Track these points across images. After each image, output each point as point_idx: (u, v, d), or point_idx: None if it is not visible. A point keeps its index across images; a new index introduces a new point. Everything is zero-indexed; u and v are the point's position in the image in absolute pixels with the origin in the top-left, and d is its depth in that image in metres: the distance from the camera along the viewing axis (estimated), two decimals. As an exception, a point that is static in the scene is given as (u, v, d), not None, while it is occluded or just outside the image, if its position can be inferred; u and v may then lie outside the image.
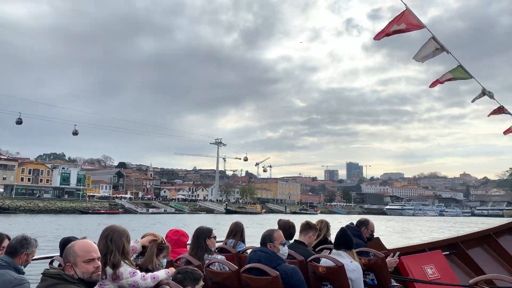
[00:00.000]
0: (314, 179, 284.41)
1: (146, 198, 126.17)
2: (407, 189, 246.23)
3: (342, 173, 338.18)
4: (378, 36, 4.32)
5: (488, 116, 6.40)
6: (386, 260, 5.11)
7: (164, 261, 4.20)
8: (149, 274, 3.44)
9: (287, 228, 5.05)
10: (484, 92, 5.27)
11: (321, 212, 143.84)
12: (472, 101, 5.53)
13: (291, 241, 4.90)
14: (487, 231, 7.82)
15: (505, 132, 7.22)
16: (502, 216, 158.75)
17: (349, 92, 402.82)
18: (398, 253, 5.45)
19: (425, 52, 4.44)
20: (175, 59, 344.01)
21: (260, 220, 67.69)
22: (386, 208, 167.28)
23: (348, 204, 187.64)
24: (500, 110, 6.15)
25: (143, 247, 3.92)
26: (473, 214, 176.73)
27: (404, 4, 4.13)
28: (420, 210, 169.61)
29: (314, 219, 5.82)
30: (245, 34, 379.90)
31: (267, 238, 3.90)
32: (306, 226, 4.83)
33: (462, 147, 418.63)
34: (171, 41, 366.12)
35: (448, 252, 7.08)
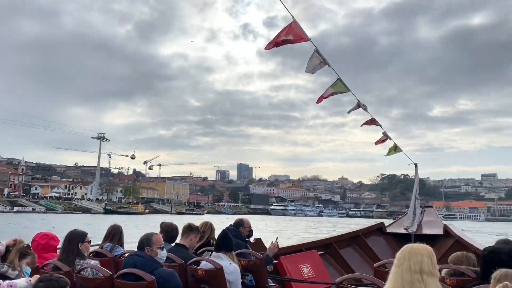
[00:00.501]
0: (205, 179, 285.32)
1: (12, 195, 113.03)
2: (292, 191, 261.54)
3: (233, 174, 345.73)
4: (268, 46, 4.54)
5: (361, 126, 7.15)
6: (268, 246, 5.40)
7: (28, 269, 3.85)
8: (6, 282, 3.12)
9: (169, 231, 5.00)
10: (359, 105, 5.89)
11: (208, 212, 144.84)
12: (348, 112, 6.15)
13: (173, 244, 4.87)
14: (357, 232, 8.66)
15: (376, 143, 8.12)
16: (372, 217, 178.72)
17: (243, 95, 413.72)
18: (277, 237, 5.77)
19: (312, 64, 4.81)
20: (60, 45, 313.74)
21: (142, 221, 65.53)
22: (271, 209, 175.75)
23: (235, 204, 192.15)
24: (372, 122, 6.92)
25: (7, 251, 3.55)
26: (348, 215, 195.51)
27: (292, 16, 4.41)
28: (301, 210, 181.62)
29: (200, 219, 5.86)
30: (140, 26, 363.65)
31: (144, 242, 3.82)
32: (187, 229, 4.84)
33: (341, 153, 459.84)
34: (57, 25, 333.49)
35: (323, 252, 7.68)
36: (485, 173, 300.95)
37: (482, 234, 57.17)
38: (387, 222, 9.47)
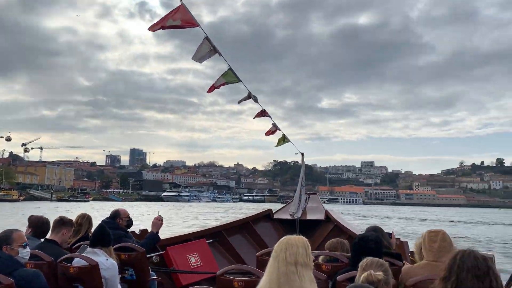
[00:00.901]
0: (93, 164, 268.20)
1: None
2: (187, 177, 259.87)
3: (125, 159, 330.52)
4: (153, 28, 4.26)
5: (254, 118, 7.25)
6: (152, 222, 5.21)
7: None
8: None
9: (39, 225, 4.52)
10: (249, 95, 5.93)
11: (94, 199, 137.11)
12: (239, 102, 6.16)
13: (42, 240, 4.41)
14: (246, 219, 8.81)
15: (267, 134, 8.32)
16: (264, 201, 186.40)
17: (138, 77, 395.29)
18: (159, 212, 5.62)
19: (201, 52, 4.65)
20: None
21: (13, 209, 59.34)
22: (164, 195, 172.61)
23: (125, 190, 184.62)
24: (263, 113, 7.05)
25: None
26: (241, 200, 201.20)
27: (180, -1, 4.18)
28: (195, 196, 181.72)
29: (84, 206, 5.40)
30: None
31: (2, 240, 3.37)
32: (59, 222, 4.41)
33: (237, 140, 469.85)
34: None
35: (212, 240, 7.68)
36: (364, 161, 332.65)
37: (359, 217, 63.36)
38: (277, 206, 9.87)
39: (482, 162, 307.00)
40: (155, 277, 4.94)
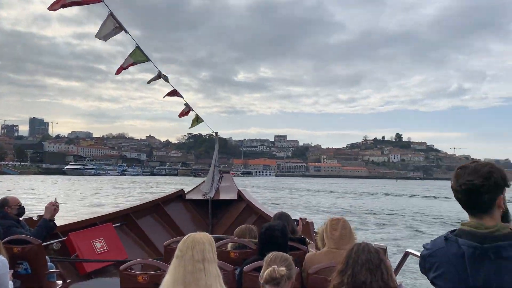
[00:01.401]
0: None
1: None
2: (94, 149, 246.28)
3: (24, 129, 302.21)
4: (52, 7, 3.86)
5: (163, 98, 6.97)
6: (45, 206, 4.85)
7: None
8: None
9: None
10: (159, 75, 5.69)
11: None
12: (148, 82, 5.88)
13: None
14: (156, 200, 8.56)
15: (180, 115, 8.03)
16: (176, 175, 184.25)
17: (39, 40, 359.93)
18: (56, 197, 5.29)
19: (105, 29, 4.30)
20: None
21: None
22: (66, 168, 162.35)
23: (23, 163, 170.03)
24: (174, 93, 6.83)
25: None
26: (152, 174, 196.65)
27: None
28: (102, 170, 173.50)
29: None
30: None
31: None
32: None
33: (150, 111, 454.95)
34: None
35: (119, 224, 7.38)
36: (277, 134, 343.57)
37: (270, 190, 65.57)
38: (190, 180, 9.76)
39: (383, 137, 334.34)
40: (54, 270, 4.65)
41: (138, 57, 4.81)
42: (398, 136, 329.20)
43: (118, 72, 4.91)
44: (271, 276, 2.42)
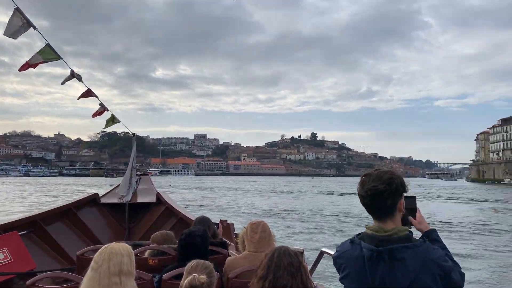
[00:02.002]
0: None
1: None
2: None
3: None
4: None
5: (78, 99, 6.54)
6: None
7: None
8: None
9: None
10: (73, 75, 5.34)
11: None
12: (62, 83, 5.48)
13: None
14: (67, 205, 7.95)
15: (93, 115, 7.56)
16: (88, 175, 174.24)
17: None
18: None
19: (13, 26, 3.91)
20: None
21: None
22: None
23: None
24: (89, 93, 6.45)
25: None
26: (61, 174, 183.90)
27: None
28: (2, 170, 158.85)
29: None
30: None
31: None
32: None
33: (60, 108, 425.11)
34: None
35: (26, 232, 6.79)
36: (197, 133, 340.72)
37: (189, 189, 64.86)
38: (102, 180, 9.26)
39: (300, 136, 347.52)
40: None
41: (48, 55, 4.45)
42: (313, 135, 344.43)
43: (23, 69, 4.48)
44: (191, 285, 2.40)
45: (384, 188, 1.81)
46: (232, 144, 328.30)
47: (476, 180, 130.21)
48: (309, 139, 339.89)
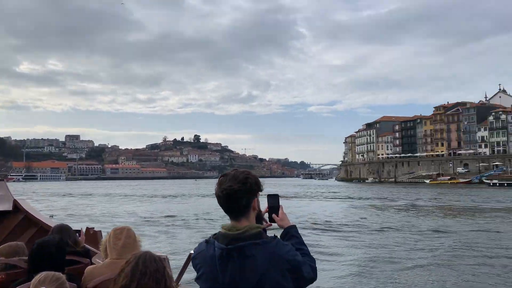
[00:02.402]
0: None
1: None
2: None
3: None
4: None
5: None
6: None
7: None
8: None
9: None
10: None
11: None
12: None
13: None
14: None
15: None
16: None
17: None
18: None
19: None
20: None
21: None
22: None
23: None
24: None
25: None
26: None
27: None
28: None
29: None
30: None
31: None
32: None
33: None
34: None
35: None
36: (69, 134, 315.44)
37: (58, 196, 59.53)
38: None
39: (182, 138, 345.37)
40: None
41: None
42: (196, 137, 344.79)
43: None
44: (38, 300, 2.20)
45: (239, 187, 1.86)
46: (109, 146, 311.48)
47: (345, 180, 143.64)
48: (192, 141, 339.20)
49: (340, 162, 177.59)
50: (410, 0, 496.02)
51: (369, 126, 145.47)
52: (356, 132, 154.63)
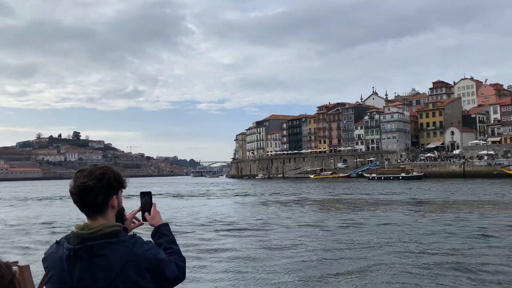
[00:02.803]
0: None
1: None
2: None
3: None
4: None
5: None
6: None
7: None
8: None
9: None
10: None
11: None
12: None
13: None
14: None
15: None
16: None
17: None
18: None
19: None
20: None
21: None
22: None
23: None
24: None
25: None
26: None
27: None
28: None
29: None
30: None
31: None
32: None
33: None
34: None
35: None
36: None
37: None
38: None
39: (60, 135, 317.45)
40: None
41: None
42: (76, 134, 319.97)
43: None
44: None
45: (94, 184, 1.77)
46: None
47: (236, 176, 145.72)
48: (71, 138, 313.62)
49: (231, 160, 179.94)
50: (294, 5, 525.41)
51: (259, 124, 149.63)
52: (246, 130, 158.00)
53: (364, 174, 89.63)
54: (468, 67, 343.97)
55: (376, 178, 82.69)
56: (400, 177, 78.70)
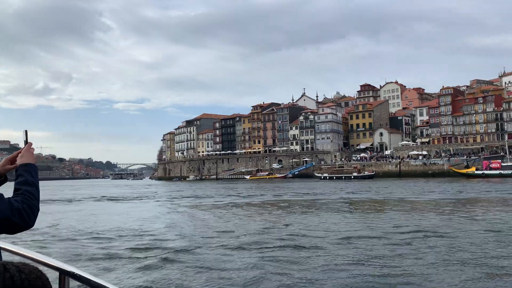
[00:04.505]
0: None
1: None
2: None
3: None
4: None
5: None
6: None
7: None
8: None
9: None
10: None
11: None
12: None
13: None
14: None
15: None
16: None
17: None
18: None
19: None
20: None
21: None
22: None
23: None
24: None
25: None
26: None
27: None
28: None
29: None
30: None
31: None
32: None
33: None
34: None
35: None
36: None
37: None
38: None
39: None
40: None
41: None
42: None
43: None
44: None
45: None
46: None
47: (163, 178, 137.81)
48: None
49: (157, 161, 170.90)
50: (216, 7, 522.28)
51: (189, 123, 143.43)
52: (175, 129, 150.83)
53: (316, 174, 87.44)
54: (385, 74, 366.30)
55: (328, 178, 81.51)
56: (352, 177, 78.60)
